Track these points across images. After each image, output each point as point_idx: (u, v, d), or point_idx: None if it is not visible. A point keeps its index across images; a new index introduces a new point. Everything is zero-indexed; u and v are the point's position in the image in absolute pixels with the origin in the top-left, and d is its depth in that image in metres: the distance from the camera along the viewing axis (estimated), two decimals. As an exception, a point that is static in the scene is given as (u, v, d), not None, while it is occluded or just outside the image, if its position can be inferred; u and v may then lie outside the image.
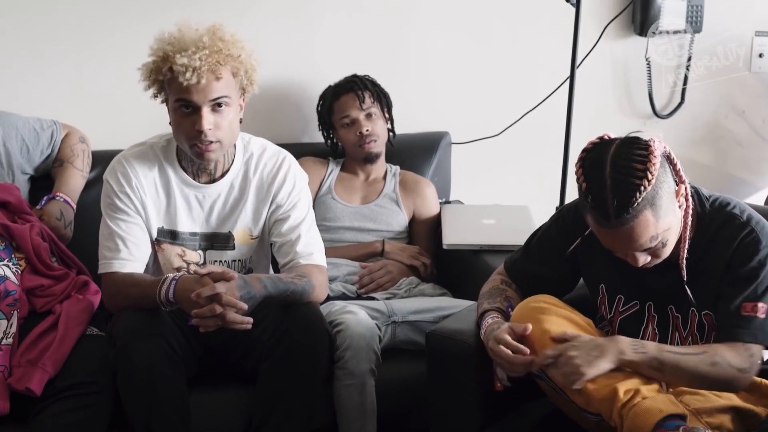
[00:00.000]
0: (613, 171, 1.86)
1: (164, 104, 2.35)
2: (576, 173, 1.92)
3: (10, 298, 2.31)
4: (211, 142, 2.27)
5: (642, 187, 1.84)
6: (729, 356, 1.93)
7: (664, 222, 1.89)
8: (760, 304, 1.94)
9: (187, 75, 2.20)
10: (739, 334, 1.94)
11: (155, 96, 2.33)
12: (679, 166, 1.94)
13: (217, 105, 2.26)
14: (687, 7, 3.37)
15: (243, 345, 2.32)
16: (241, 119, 2.37)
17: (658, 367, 1.93)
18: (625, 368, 1.93)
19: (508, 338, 1.99)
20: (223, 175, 2.40)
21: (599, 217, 1.88)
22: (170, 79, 2.25)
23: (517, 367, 1.98)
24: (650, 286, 2.06)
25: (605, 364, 1.91)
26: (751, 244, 1.96)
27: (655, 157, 1.86)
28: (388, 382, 2.45)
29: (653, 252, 1.94)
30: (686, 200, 1.96)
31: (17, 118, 2.65)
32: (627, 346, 1.93)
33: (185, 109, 2.26)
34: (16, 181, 2.60)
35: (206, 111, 2.24)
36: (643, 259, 1.94)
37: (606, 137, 1.94)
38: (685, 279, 2.00)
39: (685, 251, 1.98)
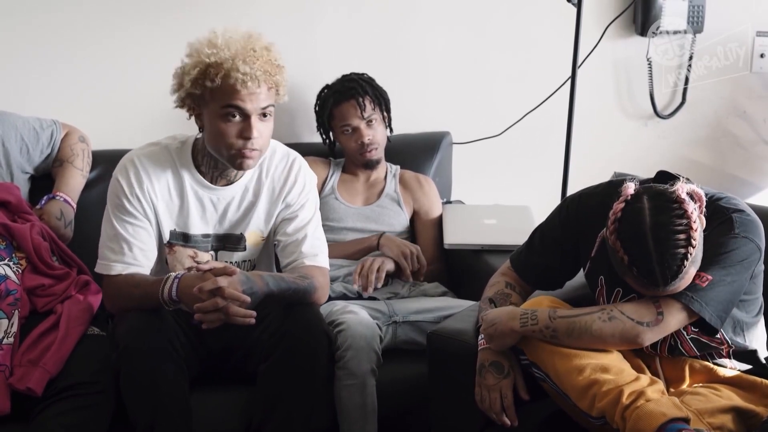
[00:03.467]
0: (656, 244, 1.84)
1: (182, 109, 2.32)
2: (613, 245, 1.89)
3: (11, 297, 2.31)
4: (254, 149, 2.27)
5: (688, 254, 1.84)
6: (629, 310, 1.95)
7: (699, 263, 1.91)
8: (703, 273, 1.93)
9: (249, 84, 2.19)
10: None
11: (182, 103, 2.29)
12: (702, 201, 1.93)
13: (263, 114, 2.26)
14: (688, 7, 3.37)
15: (244, 345, 2.31)
16: None
17: (553, 335, 1.96)
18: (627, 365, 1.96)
19: (510, 401, 2.05)
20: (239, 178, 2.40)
21: (647, 285, 1.88)
22: (219, 86, 2.21)
23: (498, 421, 2.09)
24: None
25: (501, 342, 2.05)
26: (723, 228, 1.96)
27: (694, 222, 1.85)
28: (389, 382, 2.45)
29: None
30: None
31: (17, 118, 2.65)
32: (517, 323, 1.99)
33: (232, 117, 2.24)
34: (15, 180, 2.59)
35: (255, 119, 2.24)
36: None
37: (628, 195, 1.88)
38: None
39: None
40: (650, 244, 1.84)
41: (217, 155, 2.31)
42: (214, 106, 2.25)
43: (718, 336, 2.03)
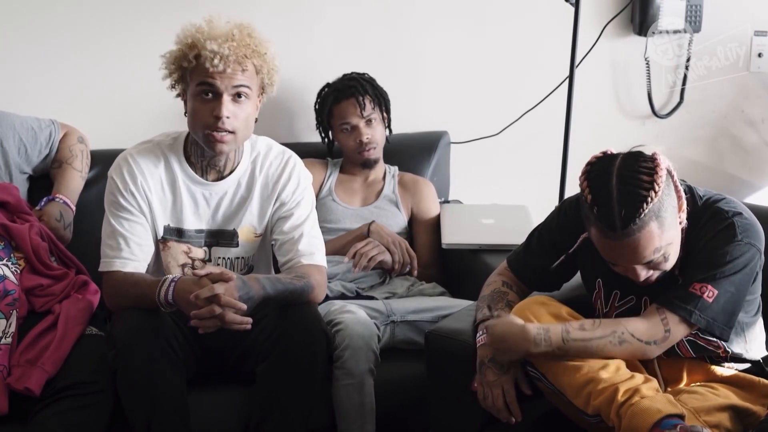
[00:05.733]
0: (619, 182, 1.86)
1: (179, 97, 2.36)
2: (581, 186, 1.91)
3: (10, 297, 2.31)
4: (227, 131, 2.27)
5: (649, 198, 1.84)
6: (638, 330, 1.96)
7: (667, 235, 1.90)
8: (710, 287, 1.94)
9: (215, 61, 2.22)
10: (674, 306, 1.96)
11: (173, 87, 2.34)
12: (678, 183, 1.95)
13: (237, 95, 2.28)
14: (686, 6, 3.37)
15: (241, 346, 2.32)
16: (256, 119, 2.37)
17: (564, 355, 1.97)
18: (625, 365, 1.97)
19: (513, 396, 2.05)
20: (230, 173, 2.41)
21: (605, 228, 1.88)
22: (194, 66, 2.26)
23: (502, 417, 2.08)
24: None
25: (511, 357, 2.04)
26: (726, 235, 1.97)
27: (661, 169, 1.87)
28: (387, 381, 2.45)
29: (654, 266, 1.94)
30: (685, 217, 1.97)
31: (15, 118, 2.65)
32: (531, 345, 1.96)
33: (206, 95, 2.27)
34: (14, 180, 2.60)
35: (227, 99, 2.26)
36: (645, 273, 1.95)
37: (609, 152, 1.94)
38: (679, 279, 2.01)
39: (679, 261, 2.00)
40: (613, 182, 1.86)
41: (195, 137, 2.34)
42: (192, 86, 2.29)
43: (714, 340, 2.04)
